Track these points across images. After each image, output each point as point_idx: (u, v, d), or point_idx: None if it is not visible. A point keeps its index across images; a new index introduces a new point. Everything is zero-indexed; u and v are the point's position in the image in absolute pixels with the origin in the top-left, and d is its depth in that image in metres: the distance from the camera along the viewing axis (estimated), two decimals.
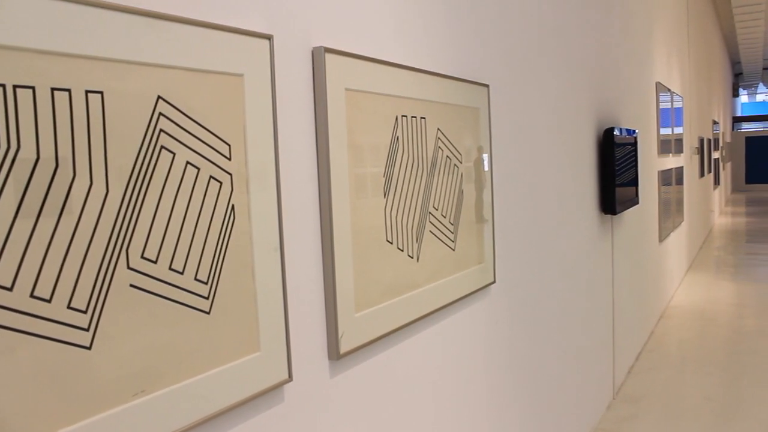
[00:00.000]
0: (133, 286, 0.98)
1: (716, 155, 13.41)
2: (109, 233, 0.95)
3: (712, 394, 4.23)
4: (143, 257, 1.00)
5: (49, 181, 0.87)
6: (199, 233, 1.10)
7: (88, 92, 0.92)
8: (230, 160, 1.16)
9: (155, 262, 1.02)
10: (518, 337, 2.57)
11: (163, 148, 1.03)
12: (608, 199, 3.79)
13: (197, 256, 1.09)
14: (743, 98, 32.84)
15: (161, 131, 1.03)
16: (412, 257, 1.72)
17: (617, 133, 3.80)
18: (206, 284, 1.11)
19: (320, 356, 1.42)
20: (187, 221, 1.08)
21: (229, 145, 1.16)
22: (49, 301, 0.87)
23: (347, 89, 1.46)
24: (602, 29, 3.94)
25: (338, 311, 1.43)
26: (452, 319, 2.01)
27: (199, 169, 1.10)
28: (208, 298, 1.11)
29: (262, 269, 1.23)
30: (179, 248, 1.06)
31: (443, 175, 1.87)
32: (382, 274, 1.59)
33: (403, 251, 1.68)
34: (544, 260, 2.85)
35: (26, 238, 0.85)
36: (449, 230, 1.91)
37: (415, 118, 1.73)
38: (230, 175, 1.16)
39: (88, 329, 0.92)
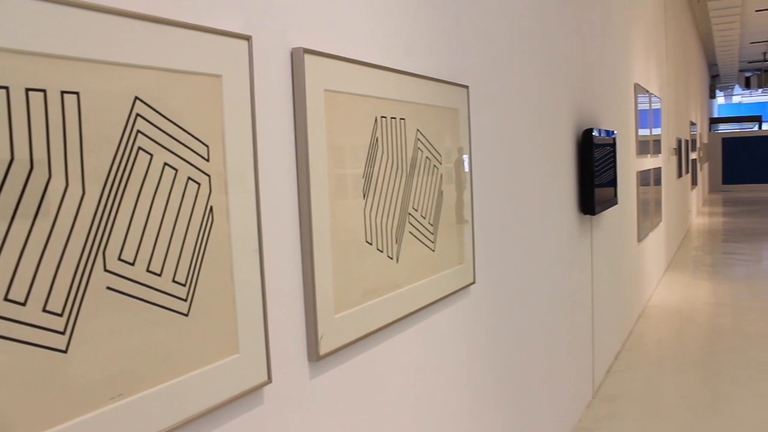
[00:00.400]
0: (110, 288, 0.98)
1: (694, 156, 13.55)
2: (85, 235, 0.94)
3: (689, 392, 4.28)
4: (120, 259, 0.99)
5: (23, 182, 0.86)
6: (177, 235, 1.09)
7: (63, 93, 0.91)
8: (208, 161, 1.16)
9: (132, 264, 1.01)
10: (498, 337, 2.58)
11: (140, 149, 1.02)
12: (587, 199, 3.82)
13: (175, 258, 1.09)
14: (720, 100, 33.26)
15: (138, 132, 1.02)
16: (391, 258, 1.72)
17: (596, 134, 3.83)
18: (184, 286, 1.10)
19: (300, 358, 1.42)
20: (164, 223, 1.07)
21: (207, 146, 1.15)
22: (23, 304, 0.86)
23: (326, 90, 1.46)
24: (582, 31, 3.97)
25: (318, 312, 1.43)
26: (432, 319, 2.02)
27: (177, 170, 1.09)
28: (186, 300, 1.11)
29: (240, 271, 1.22)
30: (157, 250, 1.05)
31: (423, 176, 1.88)
32: (361, 275, 1.59)
33: (382, 252, 1.68)
34: (523, 261, 2.87)
35: (0, 240, 0.84)
36: (429, 231, 1.92)
37: (394, 119, 1.73)
38: (208, 176, 1.16)
39: (64, 332, 0.91)
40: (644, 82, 6.56)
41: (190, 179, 1.12)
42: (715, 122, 26.18)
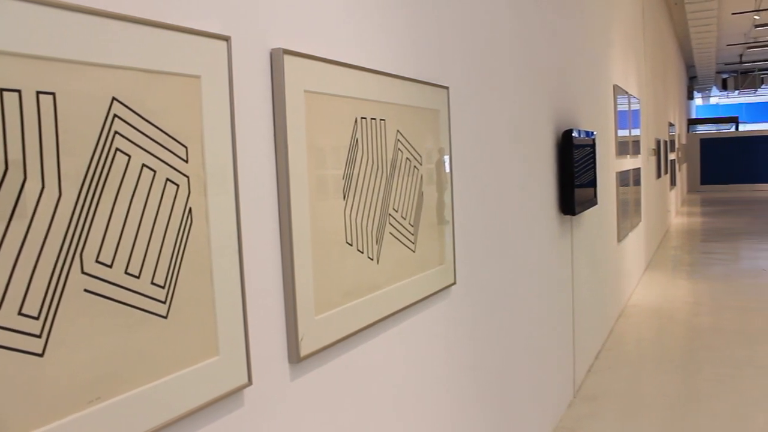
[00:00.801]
0: (87, 291, 0.97)
1: (672, 157, 13.69)
2: (62, 237, 0.93)
3: (669, 390, 4.32)
4: (98, 261, 0.98)
5: None
6: (155, 237, 1.08)
7: (39, 93, 0.90)
8: (187, 162, 1.15)
9: (110, 266, 1.00)
10: (479, 337, 2.58)
11: (118, 150, 1.02)
12: (567, 200, 3.84)
13: (154, 259, 1.08)
14: (698, 101, 33.62)
15: (116, 133, 1.01)
16: (372, 259, 1.72)
17: (576, 134, 3.85)
18: (163, 288, 1.10)
19: (280, 359, 1.41)
20: (143, 225, 1.06)
21: (186, 147, 1.15)
22: None
23: (306, 91, 1.45)
24: (561, 33, 4.00)
25: (298, 314, 1.42)
26: (413, 320, 2.02)
27: (155, 171, 1.08)
28: (165, 302, 1.10)
29: (220, 272, 1.22)
30: (135, 252, 1.05)
31: (403, 176, 1.88)
32: (342, 276, 1.59)
33: (363, 253, 1.68)
34: (504, 261, 2.88)
35: None
36: (409, 232, 1.92)
37: (374, 120, 1.73)
38: (187, 177, 1.15)
39: (40, 336, 0.90)
40: (623, 83, 6.62)
41: (168, 180, 1.11)
42: (693, 123, 26.47)
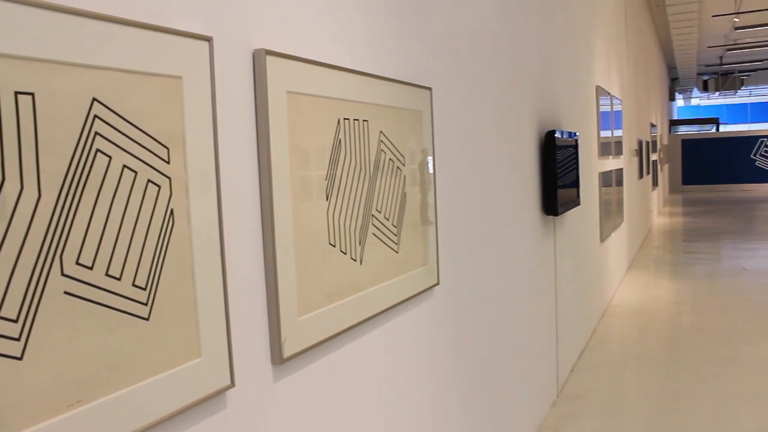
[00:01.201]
0: (67, 293, 0.96)
1: (654, 157, 13.79)
2: (41, 239, 0.92)
3: (651, 389, 4.35)
4: (78, 263, 0.97)
5: None
6: (136, 238, 1.08)
7: (17, 93, 0.89)
8: (169, 163, 1.14)
9: (91, 268, 0.99)
10: (463, 337, 2.59)
11: (98, 151, 1.01)
12: (550, 200, 3.86)
13: (135, 261, 1.07)
14: (679, 102, 33.93)
15: (96, 134, 1.01)
16: (355, 260, 1.72)
17: (558, 135, 3.87)
18: (145, 290, 1.09)
19: (263, 361, 1.41)
20: (124, 226, 1.05)
21: (167, 148, 1.14)
22: None
23: (289, 92, 1.45)
24: (544, 34, 4.02)
25: (281, 315, 1.42)
26: (397, 321, 2.02)
27: (136, 172, 1.08)
28: (146, 304, 1.09)
29: (202, 274, 1.21)
30: (116, 254, 1.04)
31: (386, 177, 1.88)
32: (325, 277, 1.59)
33: (346, 254, 1.68)
34: (487, 261, 2.89)
35: None
36: (392, 233, 1.92)
37: (357, 120, 1.73)
38: (169, 178, 1.14)
39: (19, 339, 0.89)
40: (606, 84, 6.66)
41: (150, 182, 1.10)
42: (674, 124, 26.71)
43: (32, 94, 0.91)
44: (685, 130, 26.51)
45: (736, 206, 16.91)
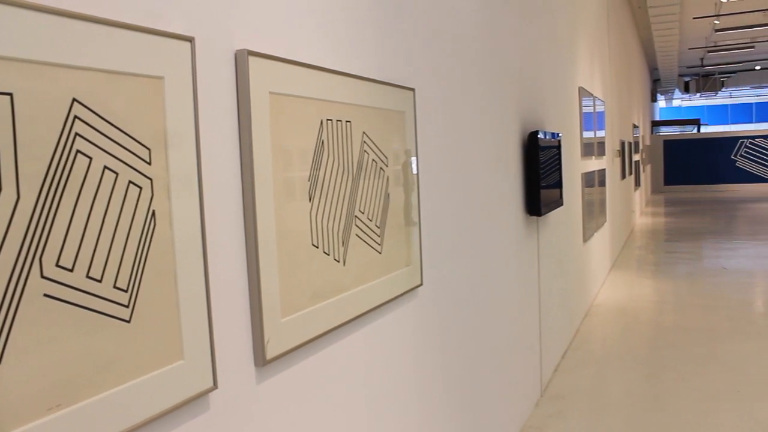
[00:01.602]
0: (47, 295, 0.95)
1: (637, 158, 13.89)
2: (20, 241, 0.91)
3: (634, 388, 4.38)
4: (58, 265, 0.97)
5: None
6: (118, 240, 1.07)
7: None
8: (150, 164, 1.14)
9: (71, 270, 0.99)
10: (446, 338, 2.60)
11: (78, 152, 1.00)
12: (533, 200, 3.88)
13: (116, 263, 1.06)
14: (661, 103, 34.21)
15: (77, 135, 1.00)
16: (338, 261, 1.72)
17: (541, 136, 3.89)
18: (126, 292, 1.08)
19: (246, 363, 1.41)
20: (105, 228, 1.04)
21: (149, 149, 1.13)
22: None
23: (271, 92, 1.45)
24: (527, 35, 4.04)
25: (264, 317, 1.41)
26: (380, 322, 2.02)
27: (117, 174, 1.07)
28: (128, 306, 1.09)
29: (184, 276, 1.20)
30: (97, 256, 1.03)
31: (369, 178, 1.88)
32: (308, 278, 1.59)
33: (329, 255, 1.68)
34: (471, 262, 2.90)
35: None
36: (376, 233, 1.92)
37: (340, 121, 1.73)
38: (150, 180, 1.14)
39: None
40: (588, 85, 6.71)
41: (131, 183, 1.10)
42: (656, 125, 26.92)
43: (11, 94, 0.90)
44: (666, 131, 26.73)
45: (717, 206, 17.07)
